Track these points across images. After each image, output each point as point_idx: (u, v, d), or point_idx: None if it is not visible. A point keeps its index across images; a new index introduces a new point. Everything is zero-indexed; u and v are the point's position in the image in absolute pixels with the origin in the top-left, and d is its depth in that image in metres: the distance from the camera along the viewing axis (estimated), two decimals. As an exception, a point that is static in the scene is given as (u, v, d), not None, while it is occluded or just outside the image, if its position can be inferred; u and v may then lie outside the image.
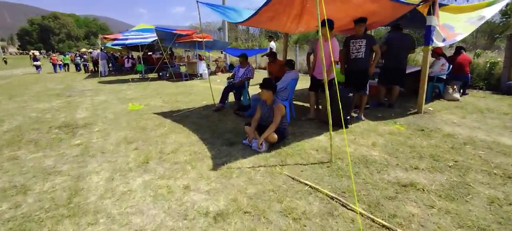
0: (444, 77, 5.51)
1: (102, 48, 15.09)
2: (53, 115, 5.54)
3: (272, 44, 9.86)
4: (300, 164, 2.88)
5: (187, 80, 11.29)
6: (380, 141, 3.48)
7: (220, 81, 10.76)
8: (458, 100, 5.48)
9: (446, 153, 3.07)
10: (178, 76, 11.92)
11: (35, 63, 17.10)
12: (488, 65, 7.20)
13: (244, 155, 3.15)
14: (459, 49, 5.74)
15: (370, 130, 3.92)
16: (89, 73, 16.28)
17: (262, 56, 12.12)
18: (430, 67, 5.70)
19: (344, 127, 2.76)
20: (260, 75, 9.13)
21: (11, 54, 61.03)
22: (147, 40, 11.40)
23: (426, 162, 2.85)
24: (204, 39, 11.17)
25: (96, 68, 18.50)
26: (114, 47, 17.33)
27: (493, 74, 7.05)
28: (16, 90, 9.44)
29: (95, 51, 17.85)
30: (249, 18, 4.33)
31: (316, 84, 4.34)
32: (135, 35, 11.99)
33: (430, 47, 4.46)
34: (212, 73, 12.98)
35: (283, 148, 3.28)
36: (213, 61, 14.37)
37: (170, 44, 13.00)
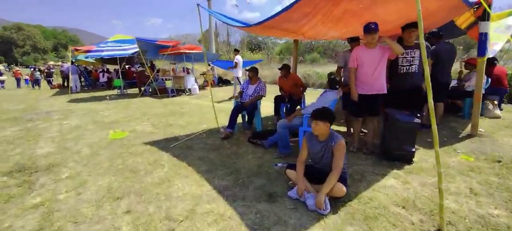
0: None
1: (73, 60, 13.39)
2: (3, 151, 4.12)
3: (238, 57, 9.06)
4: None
5: (174, 96, 10.05)
6: (473, 183, 2.63)
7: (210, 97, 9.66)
8: (500, 117, 4.89)
9: None
10: (163, 92, 10.65)
11: None
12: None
13: (303, 221, 2.10)
14: (492, 61, 5.23)
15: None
16: (58, 89, 14.38)
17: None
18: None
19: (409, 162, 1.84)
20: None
21: (-35, 68, 55.23)
22: (127, 52, 10.08)
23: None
24: (193, 51, 10.13)
25: (65, 84, 16.60)
26: (87, 60, 15.64)
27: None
28: (-40, 113, 7.64)
29: (65, 64, 15.91)
30: (275, 15, 3.36)
31: (363, 106, 3.42)
32: (113, 46, 10.60)
33: (484, 58, 3.79)
34: (200, 87, 11.83)
35: (351, 204, 2.30)
36: (200, 74, 13.24)
37: (154, 57, 11.72)
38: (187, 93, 10.42)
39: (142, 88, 11.30)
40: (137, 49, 10.22)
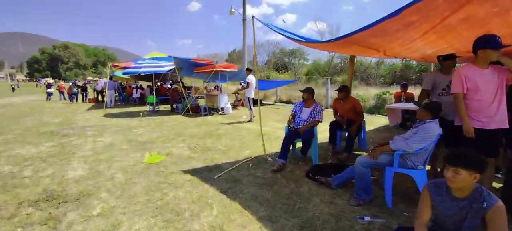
0: None
1: (111, 76, 13.76)
2: (34, 171, 3.76)
3: (251, 77, 8.09)
4: None
5: (206, 115, 9.64)
6: None
7: (245, 117, 9.11)
8: None
9: None
10: (195, 110, 10.32)
11: (48, 90, 17.74)
12: None
13: None
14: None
15: None
16: (93, 104, 14.81)
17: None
18: None
19: None
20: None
21: (18, 81, 61.16)
22: (163, 69, 10.00)
23: None
24: (228, 69, 9.79)
25: (100, 98, 17.16)
26: (123, 76, 16.11)
27: None
28: (2, 125, 7.76)
29: (101, 80, 16.50)
30: (369, 26, 2.66)
31: (481, 144, 2.52)
32: (150, 63, 10.63)
33: None
34: (232, 107, 11.39)
35: None
36: (233, 93, 12.88)
37: (188, 74, 11.61)
38: (219, 113, 9.99)
39: (174, 106, 11.12)
40: (173, 67, 10.11)
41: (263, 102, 14.15)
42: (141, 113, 9.21)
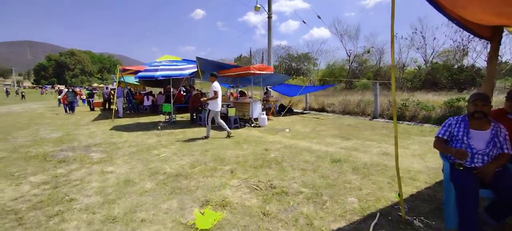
0: None
1: (120, 81, 12.09)
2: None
3: (217, 85, 6.20)
4: None
5: (237, 128, 7.85)
6: None
7: (288, 130, 7.28)
8: None
9: None
10: (221, 122, 8.54)
11: (59, 96, 16.79)
12: None
13: None
14: None
15: None
16: (100, 112, 13.15)
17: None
18: None
19: None
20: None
21: (24, 88, 60.50)
22: (184, 73, 8.30)
23: None
24: (264, 72, 8.04)
25: (106, 106, 15.51)
26: (132, 82, 14.48)
27: None
28: (-14, 142, 6.06)
29: (106, 87, 14.82)
30: None
31: None
32: (168, 66, 8.93)
33: None
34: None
35: None
36: (263, 100, 11.09)
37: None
38: (252, 125, 8.17)
39: (194, 116, 9.37)
40: (195, 70, 8.40)
41: (293, 110, 12.31)
42: (159, 127, 7.46)
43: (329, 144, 5.59)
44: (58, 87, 21.05)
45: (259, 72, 7.81)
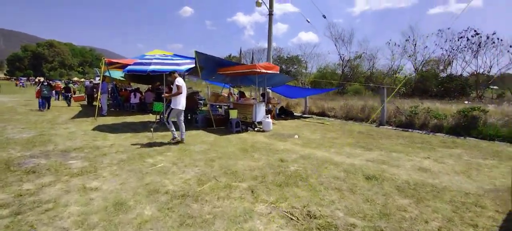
0: None
1: (107, 75, 10.94)
2: None
3: (180, 80, 5.51)
4: None
5: (239, 132, 7.06)
6: None
7: (298, 137, 6.60)
8: None
9: None
10: (220, 124, 7.74)
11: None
12: None
13: None
14: None
15: None
16: (81, 109, 11.89)
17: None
18: None
19: None
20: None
21: (-5, 79, 55.94)
22: (180, 68, 7.39)
23: None
24: (271, 71, 7.32)
25: (89, 101, 14.25)
26: (117, 77, 13.30)
27: None
28: None
29: (87, 81, 13.56)
30: None
31: None
32: (162, 59, 7.99)
33: None
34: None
35: None
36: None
37: (209, 76, 9.00)
38: (256, 129, 7.41)
39: (188, 117, 8.48)
40: (192, 66, 7.54)
41: (294, 114, 11.66)
42: (151, 129, 6.52)
43: (351, 155, 4.94)
44: (39, 80, 18.62)
45: (265, 71, 7.07)
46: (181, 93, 5.43)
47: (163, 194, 2.99)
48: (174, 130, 5.64)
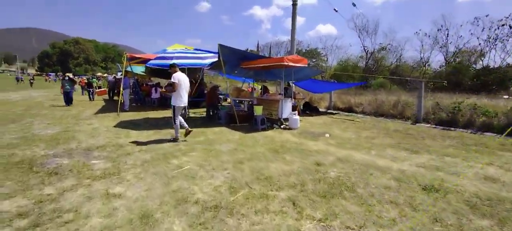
0: None
1: (129, 70, 10.90)
2: None
3: (177, 76, 5.09)
4: None
5: (264, 129, 6.65)
6: None
7: (329, 136, 6.07)
8: None
9: None
10: (243, 120, 7.36)
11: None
12: None
13: None
14: None
15: None
16: (104, 104, 12.02)
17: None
18: None
19: None
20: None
21: (28, 75, 59.17)
22: (203, 62, 7.09)
23: None
24: (299, 65, 6.80)
25: (111, 95, 14.46)
26: (140, 72, 13.33)
27: None
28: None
29: (110, 76, 13.70)
30: None
31: None
32: (184, 53, 7.72)
33: None
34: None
35: None
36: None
37: (232, 70, 8.63)
38: (282, 126, 6.96)
39: (210, 113, 8.19)
40: (215, 59, 7.18)
41: (319, 109, 11.05)
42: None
43: (396, 158, 4.37)
44: (67, 75, 18.83)
45: (293, 64, 6.56)
46: (175, 90, 5.02)
47: (192, 204, 2.64)
48: (179, 134, 5.30)
